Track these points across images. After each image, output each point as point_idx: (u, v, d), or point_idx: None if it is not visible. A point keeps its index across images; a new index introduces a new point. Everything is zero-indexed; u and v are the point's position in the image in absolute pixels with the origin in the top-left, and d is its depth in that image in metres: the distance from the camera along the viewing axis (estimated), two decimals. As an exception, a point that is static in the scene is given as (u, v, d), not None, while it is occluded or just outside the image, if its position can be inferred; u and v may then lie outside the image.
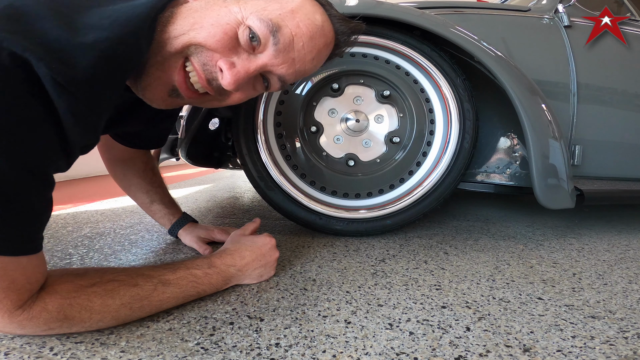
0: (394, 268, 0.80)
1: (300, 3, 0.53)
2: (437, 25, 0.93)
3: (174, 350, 0.48)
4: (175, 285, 0.55)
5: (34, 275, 0.44)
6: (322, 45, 0.55)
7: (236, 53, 0.50)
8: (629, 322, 0.59)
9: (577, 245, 1.05)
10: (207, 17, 0.49)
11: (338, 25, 0.58)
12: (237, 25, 0.49)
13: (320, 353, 0.48)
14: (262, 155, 0.97)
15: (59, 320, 0.46)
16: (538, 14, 1.22)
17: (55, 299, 0.45)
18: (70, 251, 0.88)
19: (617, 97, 1.23)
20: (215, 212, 1.40)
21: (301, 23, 0.52)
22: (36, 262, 0.44)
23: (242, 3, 0.51)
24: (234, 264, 0.65)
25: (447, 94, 1.00)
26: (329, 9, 0.57)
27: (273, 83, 0.56)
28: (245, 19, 0.50)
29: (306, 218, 1.01)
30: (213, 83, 0.51)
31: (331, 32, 0.57)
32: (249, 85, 0.55)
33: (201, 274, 0.59)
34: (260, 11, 0.50)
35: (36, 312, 0.44)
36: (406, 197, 1.01)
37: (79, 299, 0.47)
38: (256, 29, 0.49)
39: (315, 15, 0.54)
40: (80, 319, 0.47)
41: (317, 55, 0.55)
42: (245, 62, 0.51)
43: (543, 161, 0.95)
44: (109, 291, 0.49)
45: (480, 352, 0.49)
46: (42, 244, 0.45)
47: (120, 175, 0.88)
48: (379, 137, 1.05)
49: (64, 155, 0.43)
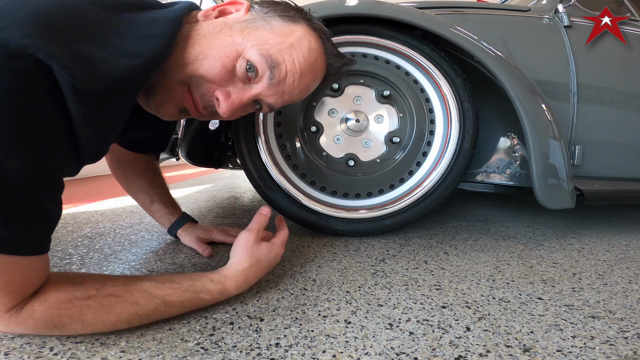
0: (394, 268, 0.80)
1: (300, 37, 0.57)
2: (437, 25, 0.93)
3: (174, 350, 0.48)
4: (178, 307, 0.54)
5: (30, 279, 0.44)
6: (309, 80, 0.60)
7: (232, 83, 0.54)
8: (629, 322, 0.59)
9: (577, 245, 1.05)
10: (212, 48, 0.52)
11: (331, 60, 0.63)
12: (236, 57, 0.53)
13: (320, 353, 0.48)
14: (262, 155, 0.97)
15: (47, 327, 0.45)
16: (538, 14, 1.22)
17: (44, 308, 0.45)
18: (70, 251, 0.88)
19: (617, 97, 1.23)
20: (215, 212, 1.40)
21: (296, 60, 0.56)
22: (36, 266, 0.44)
23: (246, 33, 0.54)
24: (246, 287, 0.61)
25: (447, 94, 1.00)
26: (326, 44, 0.61)
27: (264, 107, 0.60)
28: (245, 51, 0.53)
29: (306, 218, 1.01)
30: (209, 109, 0.56)
31: (322, 69, 0.62)
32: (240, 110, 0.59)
33: (209, 299, 0.57)
34: (262, 45, 0.53)
35: (23, 318, 0.44)
36: (406, 197, 1.01)
37: (70, 310, 0.46)
38: (255, 63, 0.53)
39: (311, 52, 0.58)
40: (71, 328, 0.46)
41: (304, 89, 0.60)
42: (240, 92, 0.55)
43: (543, 161, 0.95)
44: (105, 307, 0.47)
45: (480, 352, 0.49)
46: (47, 247, 0.45)
47: (122, 176, 0.89)
48: (379, 137, 1.05)
49: (75, 161, 0.44)
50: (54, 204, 0.44)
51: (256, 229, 0.65)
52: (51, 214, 0.44)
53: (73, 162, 0.44)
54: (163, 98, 0.54)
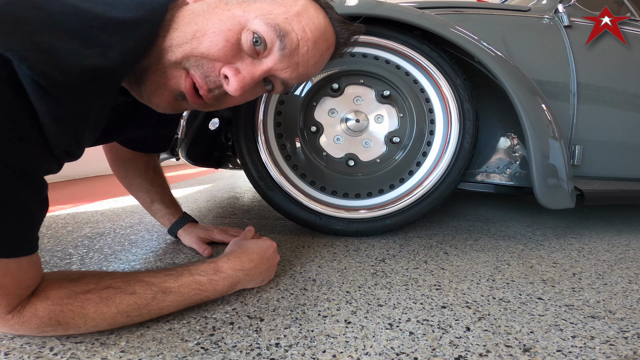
0: (394, 268, 0.80)
1: (305, 6, 0.52)
2: (437, 25, 0.93)
3: (174, 350, 0.48)
4: (176, 294, 0.53)
5: (24, 281, 0.43)
6: (324, 49, 0.55)
7: (239, 58, 0.49)
8: (629, 322, 0.59)
9: (577, 245, 1.05)
10: (209, 24, 0.48)
11: (339, 29, 0.58)
12: (240, 30, 0.48)
13: (320, 353, 0.48)
14: (262, 155, 0.97)
15: (51, 325, 0.45)
16: (538, 14, 1.22)
17: (46, 305, 0.45)
18: (70, 251, 0.88)
19: (617, 97, 1.23)
20: (215, 212, 1.40)
21: (306, 27, 0.51)
22: (27, 266, 0.43)
23: (245, 5, 0.49)
24: (242, 268, 0.61)
25: (447, 94, 1.00)
26: (330, 12, 0.57)
27: (277, 86, 0.55)
28: (248, 23, 0.49)
29: (306, 218, 1.01)
30: (215, 91, 0.51)
31: (332, 36, 0.57)
32: (250, 90, 0.54)
33: (206, 281, 0.56)
34: (266, 15, 0.49)
35: (27, 318, 0.44)
36: (406, 197, 1.01)
37: (72, 305, 0.46)
38: (262, 33, 0.48)
39: (319, 19, 0.53)
40: (74, 324, 0.46)
41: (319, 59, 0.56)
42: (249, 67, 0.50)
43: (543, 161, 0.95)
44: (104, 299, 0.47)
45: (480, 352, 0.49)
46: (34, 246, 0.44)
47: (122, 174, 0.89)
48: (379, 137, 1.05)
49: (53, 158, 0.42)
50: (36, 203, 0.42)
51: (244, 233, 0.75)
52: (34, 213, 0.42)
53: (49, 159, 0.42)
54: (156, 84, 0.49)
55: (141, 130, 0.73)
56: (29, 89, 0.36)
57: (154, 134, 0.80)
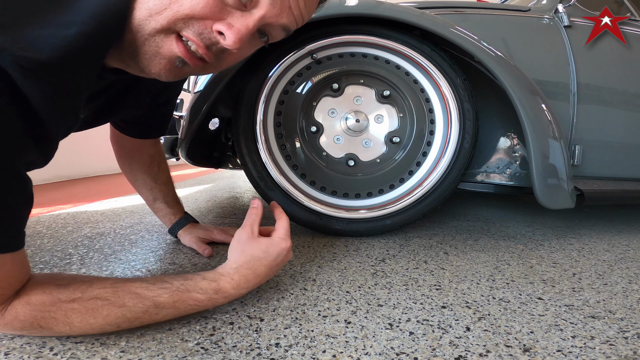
0: (394, 268, 0.80)
1: None
2: (437, 25, 0.93)
3: (174, 350, 0.48)
4: (171, 309, 0.50)
5: (6, 280, 0.42)
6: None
7: (227, 14, 0.47)
8: (629, 322, 0.59)
9: (577, 245, 1.05)
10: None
11: None
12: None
13: (320, 353, 0.48)
14: (262, 155, 0.98)
15: (34, 328, 0.45)
16: (538, 14, 1.22)
17: (27, 310, 0.44)
18: (70, 251, 0.88)
19: (617, 97, 1.23)
20: (215, 212, 1.40)
21: None
22: (8, 265, 0.42)
23: None
24: (247, 286, 0.57)
25: (447, 94, 1.00)
26: None
27: (275, 34, 0.52)
28: None
29: (306, 218, 1.01)
30: (212, 48, 0.49)
31: None
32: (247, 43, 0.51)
33: (204, 299, 0.53)
34: None
35: (8, 320, 0.44)
36: (406, 197, 1.01)
37: (54, 313, 0.45)
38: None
39: None
40: (59, 330, 0.46)
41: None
42: (241, 19, 0.47)
43: (543, 161, 0.95)
44: (90, 310, 0.46)
45: (480, 352, 0.49)
46: (17, 243, 0.43)
47: (127, 168, 0.89)
48: (379, 137, 1.05)
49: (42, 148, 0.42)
50: (20, 199, 0.41)
51: (249, 224, 0.62)
52: (19, 210, 0.42)
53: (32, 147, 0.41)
54: (150, 54, 0.47)
55: (137, 109, 0.71)
56: (17, 76, 0.36)
57: (148, 116, 0.77)
